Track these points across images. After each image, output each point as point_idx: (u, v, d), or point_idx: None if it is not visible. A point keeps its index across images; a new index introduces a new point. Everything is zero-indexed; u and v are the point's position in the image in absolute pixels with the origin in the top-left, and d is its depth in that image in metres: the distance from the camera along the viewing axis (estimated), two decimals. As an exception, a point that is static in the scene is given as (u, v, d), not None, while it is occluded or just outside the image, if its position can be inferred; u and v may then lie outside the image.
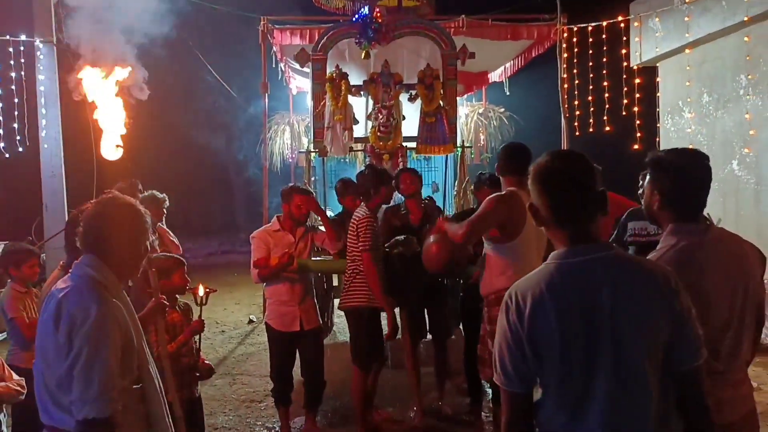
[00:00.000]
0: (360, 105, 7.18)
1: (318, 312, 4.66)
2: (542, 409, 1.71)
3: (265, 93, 8.54)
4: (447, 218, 3.85)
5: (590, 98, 8.08)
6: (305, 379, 4.58)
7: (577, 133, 8.26)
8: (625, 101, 7.82)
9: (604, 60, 8.01)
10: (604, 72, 7.99)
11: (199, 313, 3.46)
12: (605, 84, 7.98)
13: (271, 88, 8.79)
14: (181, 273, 3.45)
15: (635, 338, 1.62)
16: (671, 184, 2.10)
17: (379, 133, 6.88)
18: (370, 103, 7.06)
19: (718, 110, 7.30)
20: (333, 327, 7.25)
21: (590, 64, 8.06)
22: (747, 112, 6.68)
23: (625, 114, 7.82)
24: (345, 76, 6.85)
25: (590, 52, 8.02)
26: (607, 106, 7.92)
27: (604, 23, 7.92)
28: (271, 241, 4.49)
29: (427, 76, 6.88)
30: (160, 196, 5.41)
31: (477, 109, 10.99)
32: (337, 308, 4.90)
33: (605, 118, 7.94)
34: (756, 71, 6.58)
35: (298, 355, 4.59)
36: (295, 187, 4.65)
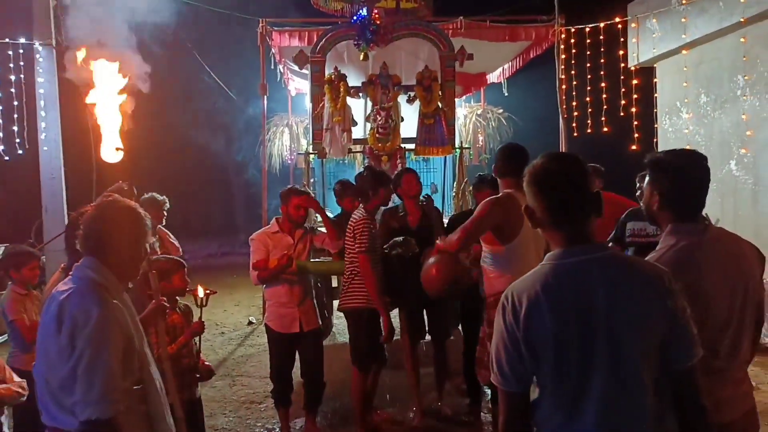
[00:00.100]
0: (359, 107, 7.20)
1: (317, 313, 4.68)
2: (539, 409, 1.72)
3: (263, 94, 8.54)
4: (443, 239, 3.80)
5: (588, 99, 8.09)
6: (305, 380, 4.60)
7: (575, 134, 8.28)
8: (622, 102, 7.83)
9: (602, 61, 8.04)
10: (602, 73, 8.03)
11: (199, 315, 3.47)
12: (603, 85, 8.00)
13: (270, 89, 8.79)
14: (181, 275, 3.47)
15: (631, 338, 1.63)
16: (670, 184, 2.11)
17: (377, 135, 6.90)
18: (369, 104, 7.08)
19: (716, 111, 7.31)
20: (332, 328, 7.27)
21: (588, 65, 8.07)
22: (744, 112, 6.69)
23: (623, 115, 7.82)
24: (344, 78, 6.87)
25: (588, 53, 8.04)
26: (605, 107, 7.94)
27: (602, 24, 7.93)
28: (270, 243, 4.51)
29: (426, 77, 6.91)
30: (160, 198, 5.42)
31: (475, 110, 11.02)
32: (337, 309, 4.91)
33: (603, 118, 7.96)
34: (753, 72, 6.60)
35: (297, 356, 4.61)
36: (293, 189, 4.66)
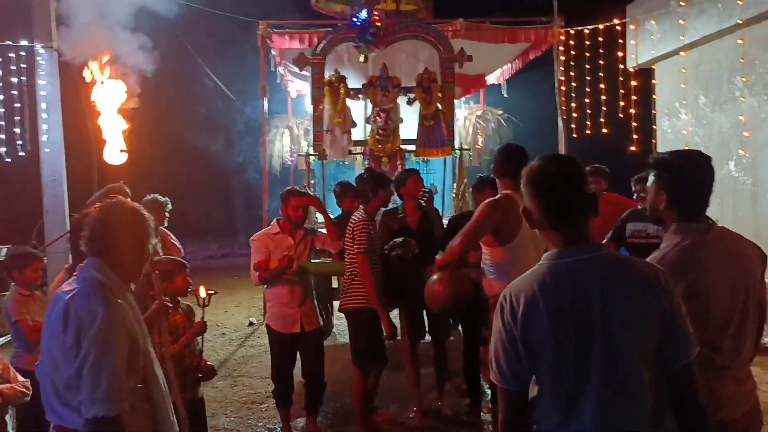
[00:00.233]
0: (359, 108, 7.23)
1: (318, 314, 4.70)
2: (538, 407, 1.74)
3: (264, 96, 8.57)
4: (442, 253, 3.80)
5: (587, 100, 8.11)
6: (306, 381, 4.62)
7: (575, 135, 8.29)
8: (621, 103, 7.83)
9: (601, 62, 8.06)
10: (601, 74, 8.04)
11: (201, 315, 3.50)
12: (602, 86, 8.02)
13: (270, 91, 8.81)
14: (183, 275, 3.50)
15: (627, 337, 1.65)
16: (678, 183, 2.14)
17: (377, 136, 6.93)
18: (369, 106, 7.11)
19: (715, 112, 7.33)
20: (333, 328, 7.29)
21: (587, 66, 8.08)
22: (743, 113, 6.72)
23: (622, 116, 7.83)
24: (344, 80, 6.90)
25: (587, 54, 8.06)
26: (604, 108, 7.95)
27: (601, 26, 7.95)
28: (271, 244, 4.54)
29: (425, 79, 6.94)
30: (162, 200, 5.45)
31: (475, 111, 11.03)
32: (337, 310, 4.93)
33: (602, 120, 7.98)
34: (752, 73, 6.62)
35: (298, 356, 4.64)
36: (292, 190, 4.68)
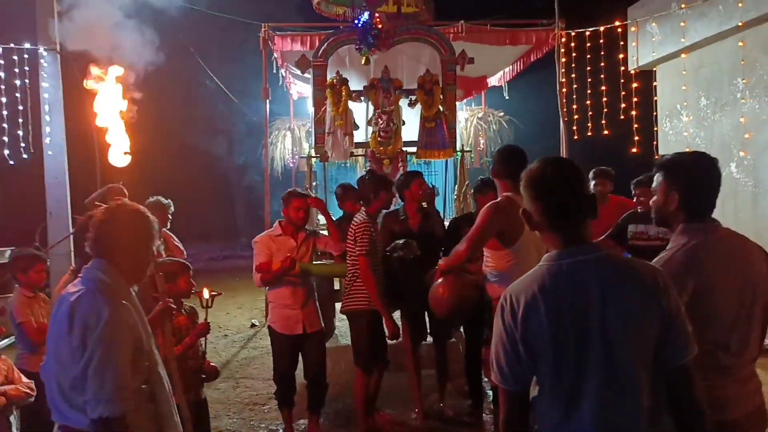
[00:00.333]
0: (360, 110, 7.24)
1: (320, 315, 4.72)
2: (538, 407, 1.76)
3: (266, 99, 8.59)
4: (444, 258, 3.80)
5: (588, 102, 8.12)
6: (308, 382, 4.64)
7: (576, 137, 8.30)
8: (623, 105, 7.85)
9: (602, 64, 8.06)
10: (602, 76, 8.05)
11: (204, 316, 3.52)
12: (603, 88, 8.02)
13: (272, 93, 8.84)
14: (186, 277, 3.52)
15: (625, 337, 1.67)
16: (690, 183, 2.17)
17: (379, 138, 6.95)
18: (371, 108, 7.12)
19: (716, 113, 7.35)
20: (335, 330, 7.30)
21: (588, 68, 8.09)
22: (743, 115, 6.73)
23: (623, 118, 7.85)
24: (345, 82, 6.92)
25: (588, 56, 8.07)
26: (606, 110, 7.97)
27: (602, 28, 7.96)
28: (274, 246, 4.56)
29: (427, 81, 6.95)
30: (165, 202, 5.47)
31: (476, 113, 11.08)
32: (339, 311, 4.95)
33: (603, 122, 7.99)
34: (752, 75, 6.64)
35: (300, 357, 4.65)
36: (293, 192, 4.70)
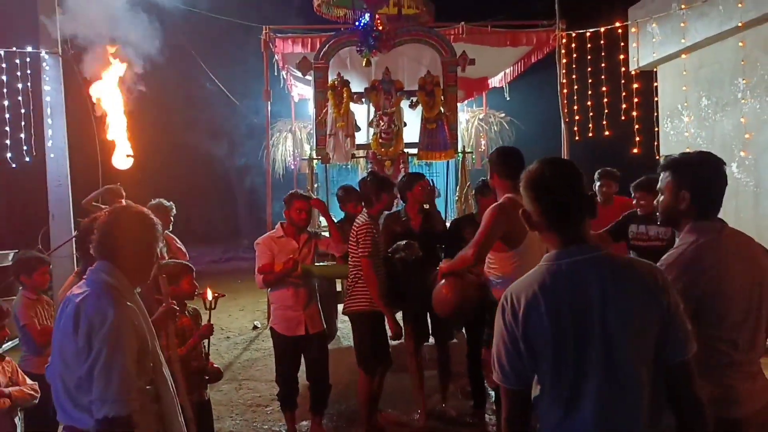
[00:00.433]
0: (362, 112, 7.26)
1: (322, 316, 4.73)
2: (540, 404, 1.78)
3: (267, 101, 8.61)
4: (446, 260, 3.80)
5: (589, 103, 8.12)
6: (311, 383, 4.66)
7: (577, 138, 8.31)
8: (624, 106, 7.84)
9: (603, 65, 8.06)
10: (603, 77, 8.04)
11: (208, 318, 3.53)
12: (604, 89, 8.02)
13: (273, 95, 8.86)
14: (189, 279, 3.53)
15: (625, 336, 1.69)
16: (700, 181, 2.19)
17: (380, 140, 6.97)
18: (372, 110, 7.14)
19: (717, 113, 7.35)
20: (337, 332, 7.31)
21: (589, 69, 8.10)
22: (744, 115, 6.73)
23: (624, 118, 7.84)
24: (347, 84, 6.94)
25: (589, 57, 8.08)
26: (606, 111, 7.96)
27: (602, 29, 7.97)
28: (276, 248, 4.57)
29: (428, 83, 6.98)
30: (167, 204, 5.49)
31: (477, 114, 11.09)
32: (342, 313, 4.96)
33: (604, 122, 7.99)
34: (753, 75, 6.64)
35: (303, 359, 4.66)
36: (295, 194, 4.72)
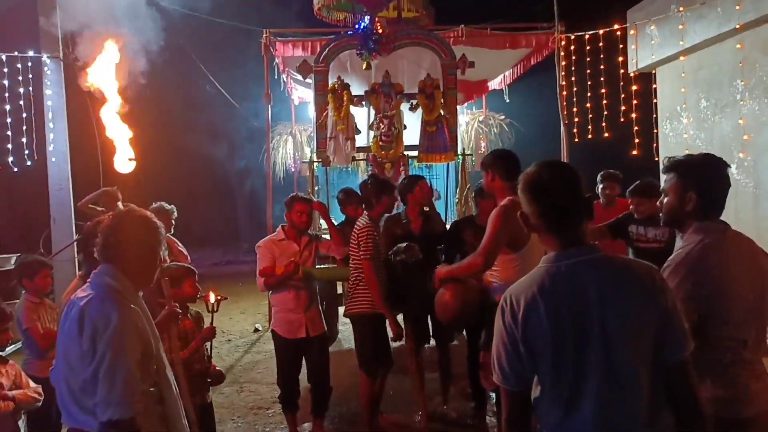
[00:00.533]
0: (362, 115, 7.28)
1: (323, 319, 4.75)
2: (541, 405, 1.79)
3: (268, 104, 8.64)
4: (442, 266, 3.80)
5: (589, 105, 8.14)
6: (312, 385, 4.67)
7: (577, 140, 8.33)
8: (623, 108, 7.86)
9: (602, 67, 8.09)
10: (602, 79, 8.06)
11: (210, 321, 3.54)
12: (603, 91, 8.04)
13: (274, 98, 8.89)
14: (192, 282, 3.54)
15: (623, 336, 1.71)
16: (705, 183, 2.22)
17: (381, 143, 6.99)
18: (372, 113, 7.17)
19: (716, 115, 7.37)
20: (338, 334, 7.33)
21: (588, 71, 8.12)
22: (743, 117, 6.75)
23: (624, 120, 7.86)
24: (347, 87, 6.97)
25: (588, 59, 8.09)
26: (606, 113, 7.98)
27: (601, 31, 7.99)
28: (277, 250, 4.59)
29: (428, 85, 7.01)
30: (168, 208, 5.51)
31: (477, 116, 11.12)
32: (343, 315, 4.98)
33: (604, 124, 8.00)
34: (751, 76, 6.66)
35: (304, 361, 4.68)
36: (296, 196, 4.75)
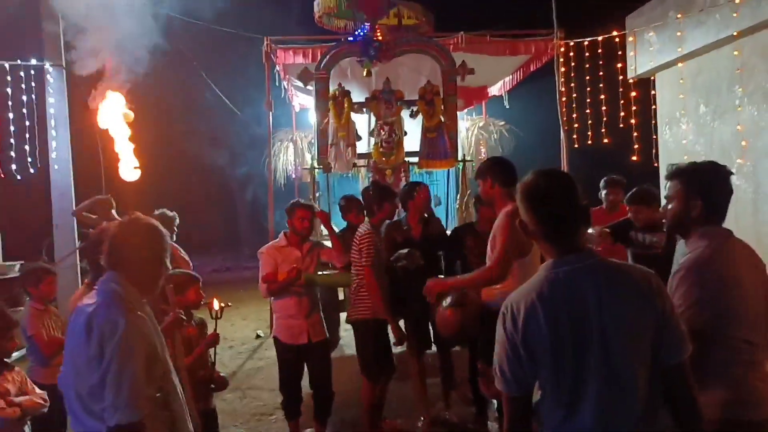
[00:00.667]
0: (362, 122, 7.32)
1: (324, 325, 4.77)
2: (542, 408, 1.83)
3: (269, 110, 8.68)
4: (433, 279, 3.77)
5: (588, 111, 8.18)
6: (314, 391, 4.69)
7: (576, 145, 8.36)
8: (622, 113, 7.89)
9: (601, 73, 8.13)
10: (601, 85, 8.11)
11: (214, 327, 3.57)
12: (602, 97, 8.08)
13: (274, 105, 8.93)
14: (196, 288, 3.58)
15: (622, 341, 1.74)
16: (711, 190, 2.27)
17: (381, 149, 7.02)
18: (373, 119, 7.21)
19: (715, 121, 7.40)
20: (340, 341, 7.34)
21: (587, 77, 8.16)
22: (742, 122, 6.78)
23: (623, 126, 7.89)
24: (347, 94, 7.01)
25: (587, 66, 8.15)
26: (605, 119, 8.02)
27: (600, 38, 8.03)
28: (279, 257, 4.62)
29: (428, 92, 7.04)
30: (170, 214, 5.54)
31: (477, 122, 11.18)
32: (345, 321, 5.00)
33: (603, 130, 8.04)
34: (750, 82, 6.69)
35: (306, 367, 4.70)
36: (297, 203, 4.78)
